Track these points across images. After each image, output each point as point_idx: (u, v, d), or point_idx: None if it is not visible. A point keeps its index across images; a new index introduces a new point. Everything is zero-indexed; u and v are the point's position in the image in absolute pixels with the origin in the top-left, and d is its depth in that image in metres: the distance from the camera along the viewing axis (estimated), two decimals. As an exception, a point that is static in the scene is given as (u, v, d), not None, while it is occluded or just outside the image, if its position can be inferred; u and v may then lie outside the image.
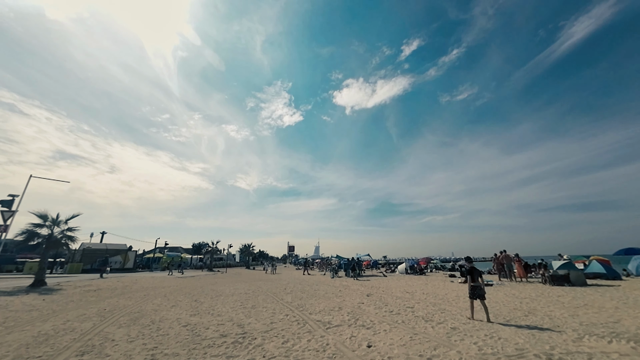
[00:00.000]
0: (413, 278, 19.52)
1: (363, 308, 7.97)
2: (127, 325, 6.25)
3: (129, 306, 8.87)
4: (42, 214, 14.67)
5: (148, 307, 8.61)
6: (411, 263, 26.45)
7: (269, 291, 12.95)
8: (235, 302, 9.58)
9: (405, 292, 11.55)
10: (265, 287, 14.86)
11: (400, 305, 8.32)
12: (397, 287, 13.41)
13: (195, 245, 49.06)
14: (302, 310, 7.80)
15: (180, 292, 12.76)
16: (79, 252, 35.19)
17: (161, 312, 7.77)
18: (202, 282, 18.59)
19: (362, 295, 10.91)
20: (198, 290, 13.84)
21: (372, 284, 15.66)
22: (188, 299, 10.50)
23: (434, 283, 15.11)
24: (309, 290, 12.88)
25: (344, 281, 18.03)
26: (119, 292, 12.54)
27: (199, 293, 12.49)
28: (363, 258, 26.96)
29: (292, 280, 20.24)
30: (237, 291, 13.20)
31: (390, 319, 6.41)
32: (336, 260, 25.41)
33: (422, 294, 10.71)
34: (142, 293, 12.42)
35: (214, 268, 43.64)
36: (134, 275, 25.47)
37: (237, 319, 6.78)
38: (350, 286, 14.56)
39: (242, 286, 15.74)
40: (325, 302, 9.17)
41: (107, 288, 14.14)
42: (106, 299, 10.37)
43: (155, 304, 9.28)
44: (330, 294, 11.58)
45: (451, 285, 13.89)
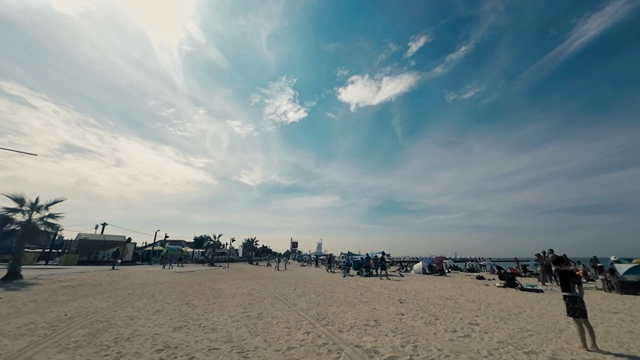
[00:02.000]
0: (435, 279, 17.39)
1: (408, 323, 5.88)
2: (78, 346, 4.24)
3: (100, 311, 6.90)
4: (18, 197, 12.79)
5: (123, 314, 6.62)
6: (428, 262, 24.30)
7: (277, 292, 10.94)
8: (237, 308, 7.56)
9: (445, 298, 9.43)
10: (271, 287, 12.86)
11: (457, 320, 6.21)
12: (427, 291, 11.29)
13: (197, 239, 47.42)
14: (326, 325, 5.73)
15: (173, 291, 10.81)
16: (75, 242, 33.70)
17: (137, 323, 5.77)
18: (201, 279, 16.68)
19: (392, 300, 8.83)
20: (194, 288, 11.90)
21: (394, 285, 13.58)
22: (179, 301, 8.52)
23: (468, 286, 12.96)
24: (324, 293, 10.84)
25: (359, 281, 15.97)
26: (101, 290, 10.63)
27: (194, 293, 10.53)
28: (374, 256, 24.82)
29: (300, 278, 18.25)
30: (239, 291, 11.21)
31: (464, 347, 4.31)
32: (346, 257, 23.33)
33: (469, 302, 8.59)
34: (127, 291, 10.50)
35: (216, 263, 42.01)
36: (130, 268, 23.74)
37: (237, 339, 4.74)
38: (370, 288, 12.49)
39: (244, 284, 13.77)
40: (352, 311, 7.10)
41: (91, 284, 12.27)
42: (79, 299, 8.43)
43: (135, 308, 7.30)
44: (351, 297, 9.52)
45: (491, 290, 11.72)
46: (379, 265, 19.97)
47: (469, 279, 17.86)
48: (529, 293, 10.63)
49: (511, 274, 12.41)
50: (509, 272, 12.57)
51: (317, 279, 17.42)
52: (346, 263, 21.39)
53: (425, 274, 22.17)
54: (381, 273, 17.47)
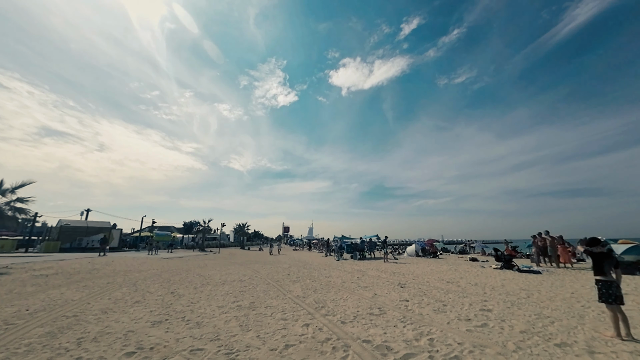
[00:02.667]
0: (430, 262, 17.30)
1: (416, 311, 5.39)
2: (29, 350, 3.49)
3: (70, 303, 6.12)
4: (-22, 180, 11.50)
5: (97, 306, 5.87)
6: (421, 245, 24.36)
7: (270, 278, 10.38)
8: (226, 297, 6.93)
9: (446, 281, 9.09)
10: (264, 272, 12.32)
11: (466, 306, 5.77)
12: (425, 274, 10.99)
13: (186, 224, 46.44)
14: (326, 315, 5.17)
15: (158, 279, 10.09)
16: (56, 229, 32.15)
17: (110, 317, 5.04)
18: (190, 264, 16.00)
19: (392, 285, 8.40)
20: (181, 275, 11.20)
21: (390, 268, 13.28)
22: (162, 290, 7.81)
23: (464, 269, 12.79)
24: (319, 278, 10.36)
25: (354, 265, 15.66)
26: (77, 279, 9.79)
27: (180, 280, 9.84)
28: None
29: (294, 262, 17.84)
30: (229, 277, 10.60)
31: (486, 339, 3.81)
32: (340, 241, 23.04)
33: (472, 285, 8.25)
34: (106, 280, 9.70)
35: (207, 248, 41.41)
36: (115, 255, 22.76)
37: (226, 335, 4.09)
38: (366, 272, 12.13)
39: (236, 270, 13.18)
40: (353, 298, 6.59)
41: (68, 272, 11.37)
42: (49, 290, 7.60)
43: (111, 299, 6.55)
44: (349, 282, 9.05)
45: (489, 272, 11.54)
46: (375, 248, 19.82)
47: (463, 261, 17.88)
48: (528, 275, 10.47)
49: (508, 256, 12.26)
50: (505, 254, 12.42)
51: (310, 263, 17.03)
52: (340, 247, 21.08)
53: (419, 256, 22.21)
54: (386, 256, 17.38)
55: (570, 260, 12.77)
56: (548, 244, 12.79)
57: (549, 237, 12.81)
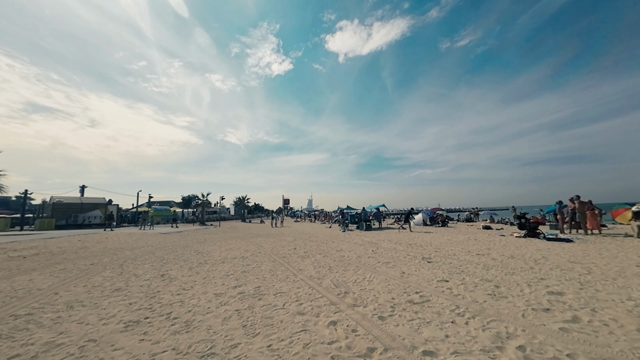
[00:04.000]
0: (442, 231, 16.45)
1: (466, 296, 4.24)
2: None
3: (33, 293, 4.96)
4: None
5: (64, 298, 4.71)
6: (428, 214, 23.57)
7: (276, 253, 9.35)
8: (226, 280, 5.81)
9: (475, 253, 8.04)
10: (267, 247, 11.33)
11: (525, 286, 4.65)
12: (445, 245, 9.99)
13: (184, 199, 45.56)
14: (354, 305, 4.02)
15: (150, 257, 9.03)
16: (48, 206, 31.05)
17: (74, 316, 3.87)
18: (188, 240, 15.06)
19: (415, 259, 7.34)
20: (177, 252, 10.17)
21: (403, 239, 12.33)
22: (152, 272, 6.71)
23: (484, 238, 11.84)
24: (330, 252, 9.33)
25: (362, 236, 14.76)
26: (58, 260, 8.69)
27: (175, 258, 8.77)
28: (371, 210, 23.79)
29: (298, 235, 16.98)
30: (230, 254, 9.56)
31: (598, 345, 2.66)
32: (342, 211, 22.14)
33: (509, 258, 7.17)
34: (91, 260, 8.61)
35: (207, 222, 40.91)
36: (110, 232, 21.88)
37: (223, 344, 2.91)
38: (379, 243, 11.15)
39: (237, 245, 12.20)
40: (378, 279, 5.47)
41: (51, 252, 10.30)
42: (18, 276, 6.46)
43: (87, 287, 5.41)
44: (365, 257, 7.99)
45: (514, 241, 10.56)
46: (365, 218, 18.96)
47: (475, 229, 17.06)
48: (561, 243, 9.49)
49: (534, 223, 11.24)
50: (531, 221, 11.40)
51: (315, 236, 16.16)
52: (345, 217, 20.19)
53: (426, 225, 21.48)
54: (402, 225, 16.58)
55: (599, 226, 11.81)
56: (577, 209, 11.72)
57: (579, 202, 11.70)
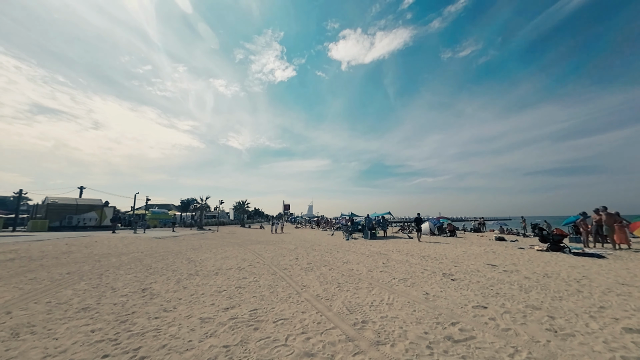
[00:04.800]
0: (454, 242, 15.47)
1: (520, 332, 3.31)
2: None
3: (-21, 313, 4.06)
4: None
5: (13, 321, 3.81)
6: (435, 222, 22.56)
7: (276, 264, 8.41)
8: (217, 298, 4.90)
9: (502, 270, 7.09)
10: (267, 255, 10.39)
11: (584, 317, 3.72)
12: (464, 258, 9.03)
13: (183, 202, 44.69)
14: (378, 342, 3.08)
15: (135, 266, 8.11)
16: (42, 207, 30.25)
17: (15, 347, 2.97)
18: (182, 245, 14.13)
19: (435, 275, 6.40)
20: (167, 260, 9.25)
21: (413, 249, 11.36)
22: (133, 285, 5.80)
23: (503, 251, 10.87)
24: (336, 264, 8.39)
25: (368, 245, 13.79)
26: (34, 267, 7.79)
27: (163, 268, 7.85)
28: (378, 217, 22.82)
29: (299, 242, 16.02)
30: (225, 263, 8.63)
31: None
32: (347, 218, 21.18)
33: (545, 277, 6.23)
34: (68, 268, 7.70)
35: (205, 226, 39.98)
36: (102, 234, 20.96)
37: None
38: (388, 254, 10.19)
39: (234, 253, 11.25)
40: (399, 301, 4.54)
41: (30, 257, 9.40)
42: (-24, 286, 5.57)
43: (51, 304, 4.50)
44: (377, 271, 7.04)
45: (539, 256, 9.60)
46: (369, 226, 18.04)
47: (487, 240, 16.07)
48: (592, 259, 8.53)
49: (558, 236, 10.29)
50: (554, 234, 10.45)
51: (318, 244, 15.20)
52: (350, 224, 19.22)
53: (434, 234, 20.47)
54: (416, 235, 15.69)
55: (628, 240, 10.84)
56: (604, 221, 10.78)
57: (606, 213, 10.76)
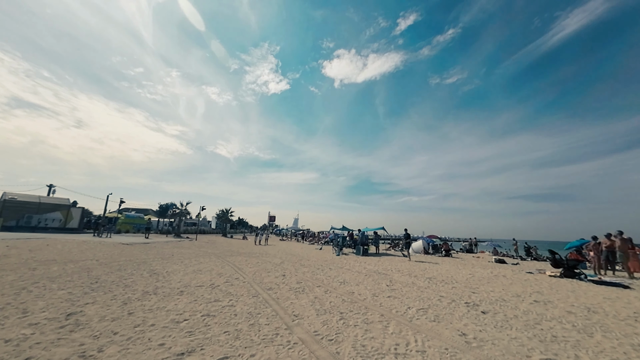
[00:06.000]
0: (453, 263, 14.38)
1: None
2: None
3: None
4: None
5: None
6: (428, 241, 21.57)
7: (258, 281, 6.90)
8: (170, 337, 3.41)
9: (531, 300, 5.94)
10: (249, 270, 8.83)
11: None
12: (477, 283, 7.86)
13: (162, 207, 41.80)
14: None
15: (79, 278, 6.39)
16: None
17: None
18: (150, 254, 12.24)
19: (457, 307, 5.16)
20: (125, 271, 7.52)
21: (414, 269, 10.11)
22: (59, 306, 4.19)
23: (513, 275, 9.82)
24: (332, 284, 6.99)
25: (362, 262, 12.42)
26: (-62, 274, 5.94)
27: (114, 282, 6.18)
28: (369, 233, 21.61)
29: (285, 256, 14.44)
30: (196, 279, 7.03)
31: None
32: (340, 232, 19.82)
33: (588, 312, 5.12)
34: (-13, 278, 5.90)
35: (184, 234, 37.30)
36: (61, 237, 18.49)
37: None
38: (388, 274, 8.88)
39: (209, 265, 9.59)
40: (436, 347, 3.26)
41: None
42: None
43: None
44: (383, 296, 5.72)
45: (555, 282, 8.58)
46: (362, 241, 16.80)
47: (487, 262, 15.10)
48: (617, 289, 7.57)
49: (573, 261, 9.40)
50: (569, 259, 9.56)
51: (307, 259, 13.70)
52: (341, 239, 17.84)
53: (428, 254, 19.39)
54: (407, 252, 14.28)
55: (641, 268, 10.10)
56: (617, 247, 10.02)
57: (621, 238, 10.03)
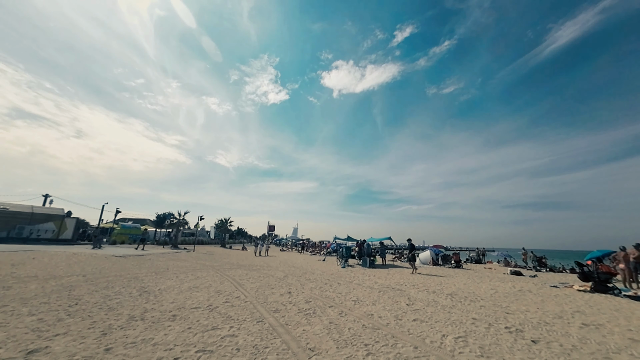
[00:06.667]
0: (468, 275, 13.51)
1: None
2: None
3: None
4: None
5: None
6: (436, 251, 20.63)
7: (262, 301, 6.07)
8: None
9: (578, 323, 5.13)
10: (250, 286, 7.98)
11: None
12: (504, 301, 7.03)
13: (159, 217, 40.79)
14: None
15: (59, 299, 5.56)
16: (-12, 214, 26.09)
17: None
18: (143, 268, 11.35)
19: (498, 332, 4.36)
20: (112, 289, 6.68)
21: (431, 284, 9.25)
22: (22, 339, 3.38)
23: (538, 290, 8.98)
24: (345, 304, 6.16)
25: (371, 275, 11.55)
26: None
27: (98, 304, 5.35)
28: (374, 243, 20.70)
29: (288, 268, 13.54)
30: (191, 299, 6.19)
31: None
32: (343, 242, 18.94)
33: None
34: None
35: (182, 245, 36.20)
36: (50, 249, 17.52)
37: None
38: (405, 291, 8.04)
39: (208, 280, 8.73)
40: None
41: None
42: None
43: None
44: (408, 319, 4.91)
45: (589, 298, 7.76)
46: (369, 252, 16.00)
47: (502, 274, 14.21)
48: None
49: (605, 274, 8.59)
50: (600, 271, 8.75)
51: (311, 271, 12.82)
52: (344, 250, 16.95)
53: (437, 265, 18.46)
54: (413, 264, 13.33)
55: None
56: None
57: (652, 249, 9.26)
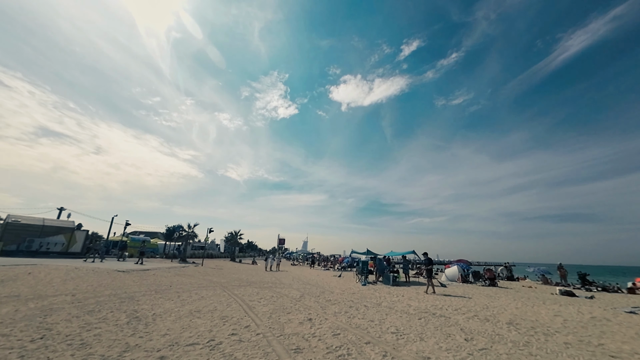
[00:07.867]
0: (508, 295, 11.72)
1: None
2: None
3: None
4: None
5: None
6: (464, 266, 18.71)
7: (279, 334, 4.78)
8: None
9: None
10: (262, 312, 6.70)
11: None
12: (590, 335, 5.47)
13: (169, 229, 40.14)
14: None
15: (28, 329, 4.46)
16: (1, 227, 26.01)
17: None
18: (142, 286, 10.25)
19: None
20: (98, 315, 5.56)
21: (475, 307, 7.69)
22: None
23: (616, 319, 7.28)
24: (386, 339, 4.77)
25: (401, 296, 10.01)
26: None
27: (71, 336, 4.21)
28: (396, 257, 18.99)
29: (303, 286, 12.14)
30: (189, 328, 4.97)
31: None
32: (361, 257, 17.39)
33: None
34: None
35: (190, 258, 35.24)
36: (55, 264, 16.74)
37: None
38: (452, 318, 6.55)
39: (212, 303, 7.49)
40: None
41: None
42: None
43: None
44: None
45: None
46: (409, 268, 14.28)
47: (550, 295, 12.31)
48: None
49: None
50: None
51: (329, 290, 11.39)
52: (361, 264, 15.41)
53: (467, 282, 16.58)
54: (430, 282, 11.54)
55: None
56: None
57: None
